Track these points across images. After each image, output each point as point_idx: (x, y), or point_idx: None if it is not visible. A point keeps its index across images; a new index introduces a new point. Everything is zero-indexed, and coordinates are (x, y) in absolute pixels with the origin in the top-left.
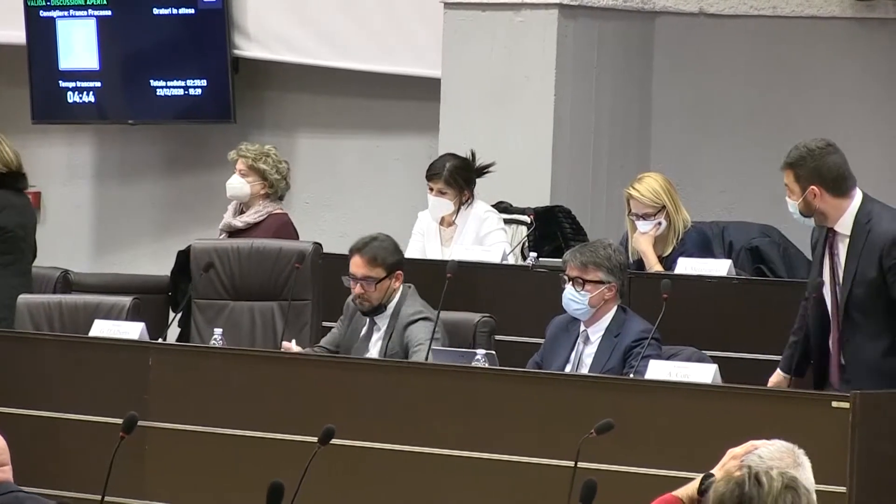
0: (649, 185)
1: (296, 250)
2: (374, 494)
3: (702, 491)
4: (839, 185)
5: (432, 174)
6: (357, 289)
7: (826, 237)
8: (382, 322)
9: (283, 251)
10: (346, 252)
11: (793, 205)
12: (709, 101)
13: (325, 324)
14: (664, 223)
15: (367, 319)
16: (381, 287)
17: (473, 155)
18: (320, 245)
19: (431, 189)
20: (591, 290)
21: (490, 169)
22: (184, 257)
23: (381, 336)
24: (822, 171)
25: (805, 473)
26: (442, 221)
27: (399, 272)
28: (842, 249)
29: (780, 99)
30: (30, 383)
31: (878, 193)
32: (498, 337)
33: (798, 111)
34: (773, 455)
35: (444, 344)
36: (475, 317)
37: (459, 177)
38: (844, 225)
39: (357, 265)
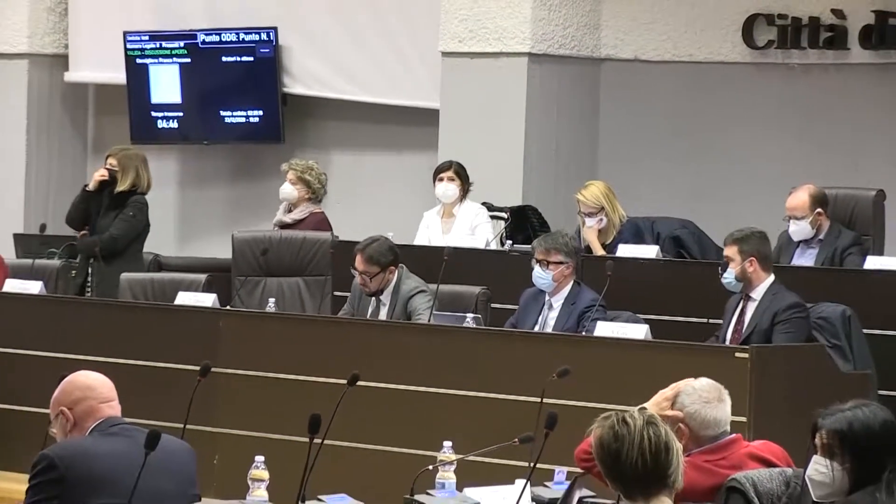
0: (592, 192)
1: (316, 239)
2: (389, 423)
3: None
4: (767, 263)
5: (444, 168)
6: (359, 279)
7: (738, 302)
8: (386, 298)
9: (307, 240)
10: None
11: (730, 273)
12: (642, 127)
13: (335, 293)
14: (605, 219)
15: (373, 299)
16: (376, 279)
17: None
18: (331, 235)
19: (442, 179)
20: (554, 269)
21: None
22: None
23: (387, 309)
24: (761, 250)
25: (725, 408)
26: (443, 213)
27: (392, 267)
28: (750, 309)
29: (696, 125)
30: (129, 340)
31: (771, 201)
32: None
33: (709, 134)
34: (704, 387)
35: (435, 309)
36: (476, 289)
37: (463, 170)
38: (758, 293)
39: (358, 262)
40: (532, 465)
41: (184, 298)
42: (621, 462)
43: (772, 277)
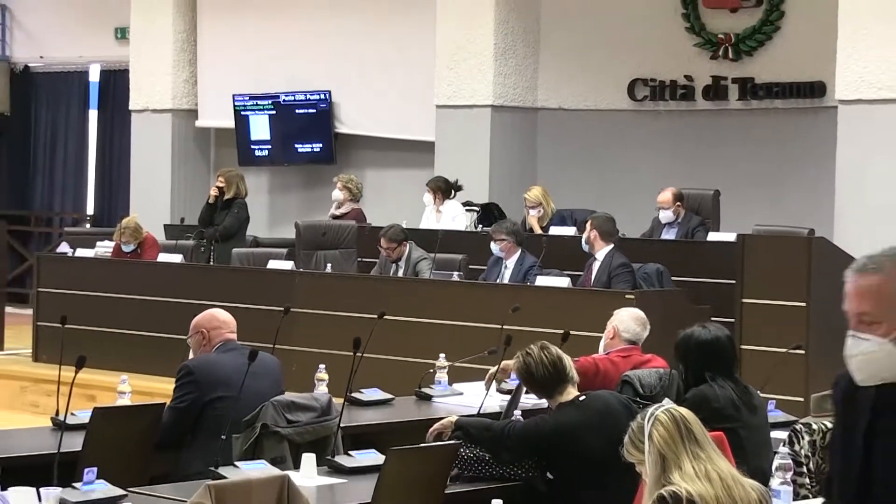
0: (534, 193)
1: (347, 225)
2: (404, 342)
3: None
4: (607, 236)
5: (427, 183)
6: (384, 252)
7: (589, 262)
8: (402, 263)
9: (341, 226)
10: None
11: (582, 240)
12: (564, 154)
13: (360, 259)
14: (542, 210)
15: (394, 264)
16: (396, 252)
17: (456, 181)
18: (356, 223)
19: (428, 190)
20: (500, 243)
21: (461, 186)
22: None
23: (402, 270)
24: (601, 227)
25: (643, 330)
26: (435, 209)
27: (404, 242)
28: (595, 267)
29: (599, 150)
30: (238, 291)
31: (647, 198)
32: None
33: (608, 156)
34: (637, 313)
35: (433, 269)
36: (459, 256)
37: (434, 184)
38: (600, 256)
39: (383, 242)
40: (496, 368)
41: (272, 264)
42: (534, 376)
43: (611, 246)
